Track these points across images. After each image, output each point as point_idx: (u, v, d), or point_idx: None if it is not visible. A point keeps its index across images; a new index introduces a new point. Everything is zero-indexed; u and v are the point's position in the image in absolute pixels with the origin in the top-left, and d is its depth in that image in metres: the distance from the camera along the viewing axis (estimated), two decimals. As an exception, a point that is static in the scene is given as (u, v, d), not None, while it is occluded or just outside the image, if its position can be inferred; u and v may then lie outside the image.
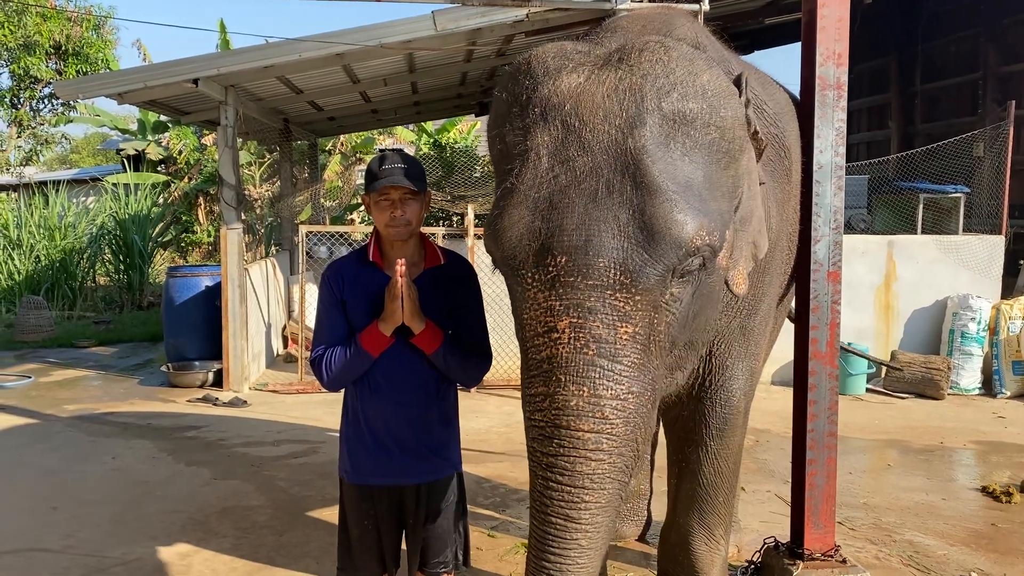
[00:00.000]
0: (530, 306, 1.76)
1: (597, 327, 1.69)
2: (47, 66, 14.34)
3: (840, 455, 3.17)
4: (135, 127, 16.10)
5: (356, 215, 14.04)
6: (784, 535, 3.21)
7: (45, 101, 15.20)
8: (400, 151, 2.34)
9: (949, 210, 7.84)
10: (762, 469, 4.91)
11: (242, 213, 7.22)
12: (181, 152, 14.82)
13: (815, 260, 2.96)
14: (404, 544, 2.45)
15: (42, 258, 11.86)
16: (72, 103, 14.19)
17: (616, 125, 1.77)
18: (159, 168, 15.41)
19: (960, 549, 3.80)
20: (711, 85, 1.86)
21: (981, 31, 10.13)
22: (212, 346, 7.14)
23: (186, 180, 14.80)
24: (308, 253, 8.54)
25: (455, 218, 11.00)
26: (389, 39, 5.97)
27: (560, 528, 1.70)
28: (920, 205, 7.72)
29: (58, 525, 4.04)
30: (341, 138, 14.89)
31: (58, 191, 13.25)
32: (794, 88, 3.13)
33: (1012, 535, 3.99)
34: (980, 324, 6.94)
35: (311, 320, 6.87)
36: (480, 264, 2.68)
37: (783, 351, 3.56)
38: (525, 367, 1.80)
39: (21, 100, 14.94)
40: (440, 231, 7.41)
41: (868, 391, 6.99)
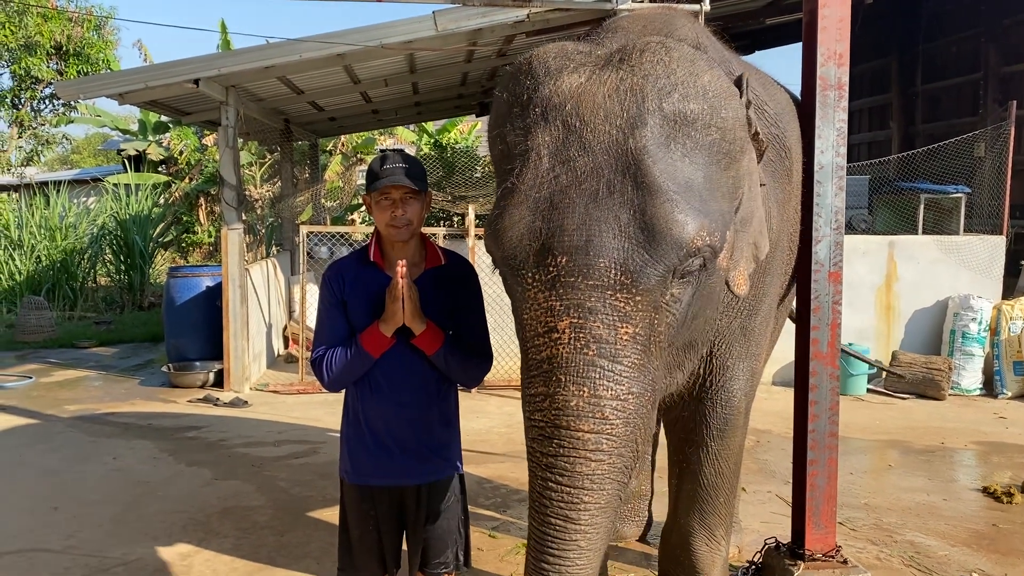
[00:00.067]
0: (530, 306, 1.76)
1: (597, 327, 1.69)
2: (48, 66, 14.32)
3: (841, 455, 3.17)
4: (136, 127, 16.09)
5: (357, 215, 14.04)
6: (785, 536, 3.22)
7: (46, 101, 15.18)
8: (401, 151, 2.34)
9: (950, 210, 7.83)
10: (763, 470, 4.91)
11: (243, 213, 7.22)
12: (182, 152, 14.82)
13: (816, 260, 2.96)
14: (405, 544, 2.45)
15: (43, 258, 11.87)
16: (73, 103, 14.18)
17: (617, 125, 1.77)
18: (160, 168, 15.40)
19: (961, 550, 3.79)
20: (712, 86, 1.86)
21: (982, 31, 10.14)
22: (213, 346, 7.15)
23: (187, 180, 14.80)
24: (309, 253, 8.55)
25: (456, 218, 11.01)
26: (390, 39, 5.97)
27: (559, 529, 1.70)
28: (921, 205, 7.71)
29: (59, 525, 4.04)
30: (342, 138, 14.89)
31: (59, 191, 13.25)
32: (795, 88, 3.13)
33: (1013, 536, 3.98)
34: (981, 324, 6.94)
35: (312, 320, 6.90)
36: (480, 264, 2.68)
37: (784, 351, 3.56)
38: (525, 367, 1.80)
39: (22, 100, 14.92)
40: (441, 231, 7.42)
41: (869, 391, 6.99)
